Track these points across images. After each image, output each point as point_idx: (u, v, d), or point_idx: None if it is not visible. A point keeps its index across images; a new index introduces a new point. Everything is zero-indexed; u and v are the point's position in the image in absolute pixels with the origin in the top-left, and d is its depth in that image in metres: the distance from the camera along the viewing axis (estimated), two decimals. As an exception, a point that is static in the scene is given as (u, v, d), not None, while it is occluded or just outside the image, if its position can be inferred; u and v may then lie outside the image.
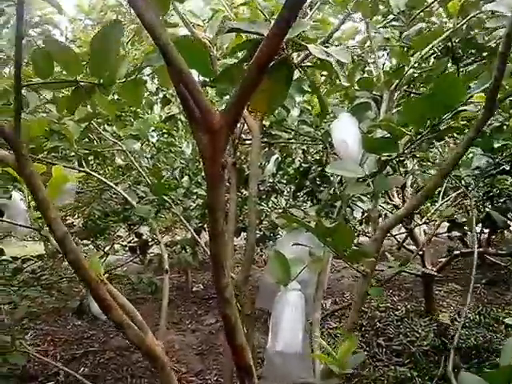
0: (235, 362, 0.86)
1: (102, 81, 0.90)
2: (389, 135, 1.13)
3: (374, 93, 1.83)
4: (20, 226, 1.45)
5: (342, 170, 1.15)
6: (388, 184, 1.14)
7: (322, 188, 2.76)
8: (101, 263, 1.17)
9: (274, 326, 1.05)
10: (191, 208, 3.26)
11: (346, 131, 1.29)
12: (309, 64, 0.84)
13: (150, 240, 3.72)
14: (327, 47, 0.88)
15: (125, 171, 3.23)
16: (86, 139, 2.34)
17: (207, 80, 0.74)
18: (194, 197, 3.26)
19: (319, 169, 2.76)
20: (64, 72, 0.96)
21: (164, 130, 3.19)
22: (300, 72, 0.84)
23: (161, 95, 3.00)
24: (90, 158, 2.60)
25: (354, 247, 0.93)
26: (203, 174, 3.50)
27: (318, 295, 1.24)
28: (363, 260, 0.97)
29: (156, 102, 3.06)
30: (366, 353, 3.32)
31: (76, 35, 3.76)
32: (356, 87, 1.86)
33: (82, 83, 0.91)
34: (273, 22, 0.63)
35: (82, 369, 3.36)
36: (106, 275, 1.17)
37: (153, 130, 3.02)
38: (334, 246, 0.87)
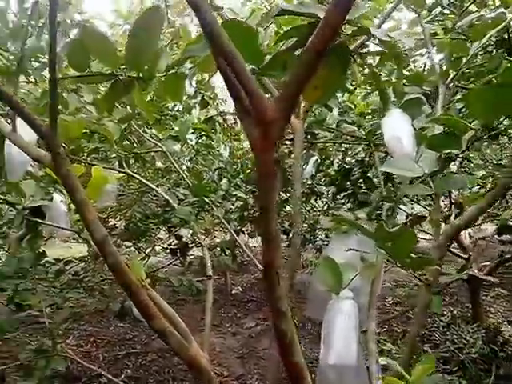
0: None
1: (141, 74, 0.85)
2: (449, 131, 1.03)
3: (424, 88, 1.73)
4: (60, 228, 1.44)
5: (397, 169, 1.06)
6: (450, 184, 1.04)
7: (363, 190, 2.68)
8: (142, 266, 1.13)
9: (327, 337, 0.97)
10: (231, 211, 3.23)
11: (398, 128, 1.21)
12: (366, 51, 0.76)
13: (190, 242, 3.71)
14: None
15: (164, 174, 3.24)
16: (127, 141, 2.35)
17: (256, 69, 0.67)
18: (233, 199, 3.23)
19: (360, 170, 2.67)
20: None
21: (202, 133, 3.19)
22: (355, 60, 0.77)
23: (199, 98, 2.98)
24: (131, 162, 2.61)
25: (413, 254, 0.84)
26: (241, 176, 3.47)
27: (373, 304, 1.15)
28: (426, 268, 0.88)
29: (194, 105, 3.05)
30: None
31: (115, 40, 3.81)
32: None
33: (121, 77, 0.86)
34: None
35: (124, 371, 3.36)
36: (149, 280, 1.12)
37: (192, 133, 3.01)
38: (395, 252, 0.78)
